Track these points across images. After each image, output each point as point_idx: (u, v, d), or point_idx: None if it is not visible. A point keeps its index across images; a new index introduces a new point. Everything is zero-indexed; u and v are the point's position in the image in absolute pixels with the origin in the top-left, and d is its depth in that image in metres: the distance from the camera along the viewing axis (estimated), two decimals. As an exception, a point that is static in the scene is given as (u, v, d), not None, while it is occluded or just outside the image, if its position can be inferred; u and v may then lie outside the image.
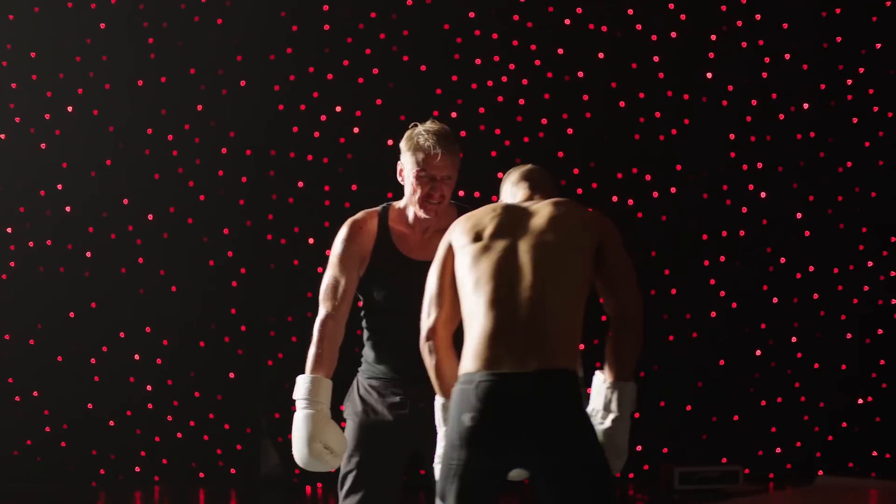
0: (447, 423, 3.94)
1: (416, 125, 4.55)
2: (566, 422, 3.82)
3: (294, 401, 4.45)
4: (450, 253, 4.03)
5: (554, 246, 3.93)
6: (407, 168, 4.50)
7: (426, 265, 4.12)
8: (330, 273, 4.57)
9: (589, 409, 3.95)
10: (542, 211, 4.01)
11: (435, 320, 4.02)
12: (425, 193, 4.47)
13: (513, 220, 4.00)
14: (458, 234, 4.02)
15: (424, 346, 4.04)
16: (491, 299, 3.87)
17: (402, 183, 4.55)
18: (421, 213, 4.49)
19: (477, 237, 3.98)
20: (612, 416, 3.93)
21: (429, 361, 4.03)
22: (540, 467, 3.83)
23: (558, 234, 3.94)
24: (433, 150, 4.45)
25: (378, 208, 4.62)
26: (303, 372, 4.49)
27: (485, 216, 4.03)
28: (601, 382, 3.95)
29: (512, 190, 4.24)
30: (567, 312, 3.89)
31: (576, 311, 3.90)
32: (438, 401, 4.03)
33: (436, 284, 4.04)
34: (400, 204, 4.58)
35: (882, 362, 9.32)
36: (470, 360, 3.85)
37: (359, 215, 4.61)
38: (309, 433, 4.38)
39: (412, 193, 4.50)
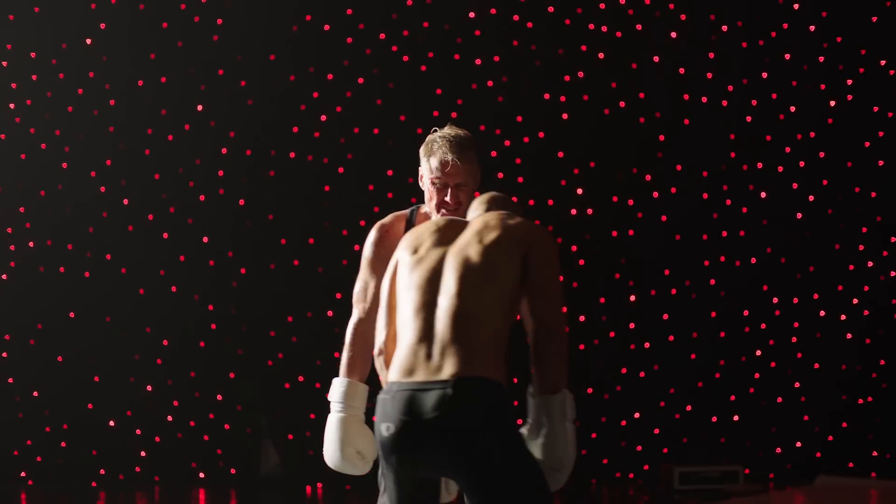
0: None
1: (435, 130, 4.57)
2: (479, 431, 3.78)
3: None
4: (395, 267, 4.07)
5: (479, 256, 3.95)
6: (424, 174, 4.52)
7: None
8: (360, 276, 4.60)
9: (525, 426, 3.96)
10: (475, 223, 4.06)
11: (385, 336, 4.04)
12: (440, 200, 4.48)
13: (448, 232, 4.04)
14: (401, 249, 4.06)
15: (377, 362, 4.06)
16: (414, 309, 3.90)
17: (422, 188, 4.57)
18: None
19: (415, 251, 4.00)
20: (544, 430, 3.90)
21: (382, 376, 4.04)
22: (459, 477, 3.80)
23: (485, 244, 3.97)
24: (446, 157, 4.47)
25: (406, 211, 4.65)
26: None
27: (426, 230, 4.07)
28: (529, 397, 3.96)
29: (471, 213, 4.28)
30: (489, 322, 3.88)
31: (499, 320, 3.90)
32: None
33: (385, 301, 4.06)
34: (425, 208, 4.61)
35: (882, 362, 9.32)
36: (392, 369, 3.88)
37: (387, 219, 4.64)
38: (341, 437, 4.41)
39: (429, 199, 4.52)
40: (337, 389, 4.46)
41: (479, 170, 4.56)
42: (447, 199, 4.47)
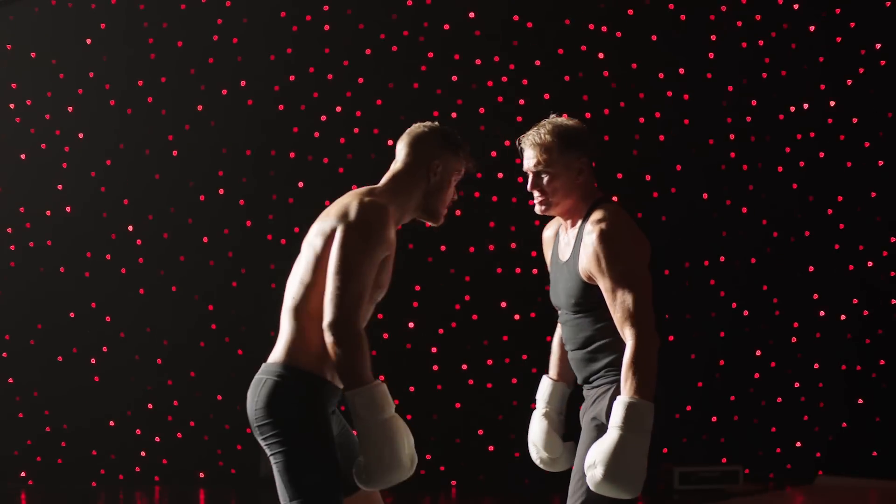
0: None
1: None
2: (260, 417, 4.00)
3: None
4: None
5: (310, 239, 4.12)
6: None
7: (566, 264, 4.32)
8: None
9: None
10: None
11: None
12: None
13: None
14: None
15: None
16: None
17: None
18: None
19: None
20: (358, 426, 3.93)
21: None
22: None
23: (321, 227, 4.12)
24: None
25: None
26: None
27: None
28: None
29: None
30: (304, 308, 4.05)
31: (315, 307, 4.02)
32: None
33: None
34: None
35: (882, 362, 9.32)
36: None
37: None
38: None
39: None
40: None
41: None
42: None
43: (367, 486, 3.94)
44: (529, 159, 4.42)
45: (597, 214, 4.24)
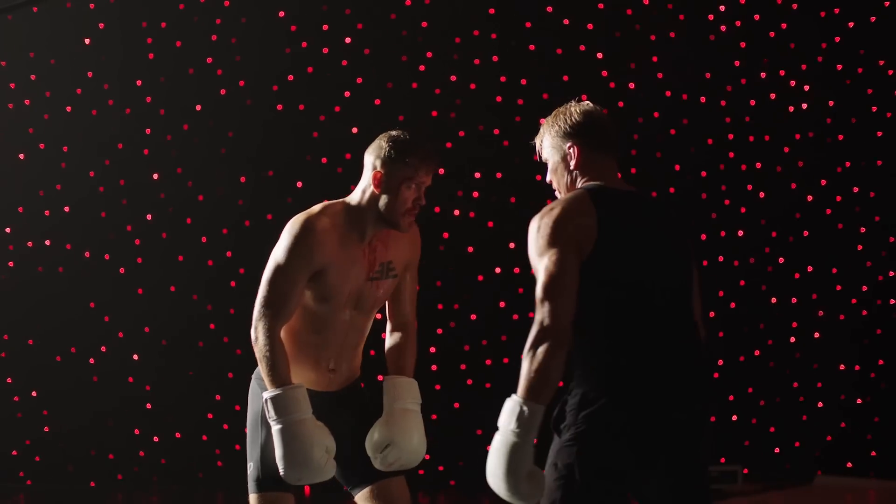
0: None
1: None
2: None
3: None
4: None
5: None
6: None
7: None
8: None
9: None
10: None
11: None
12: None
13: None
14: None
15: None
16: None
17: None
18: None
19: None
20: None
21: None
22: None
23: None
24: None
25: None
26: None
27: None
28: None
29: None
30: None
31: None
32: None
33: None
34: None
35: (881, 362, 9.32)
36: None
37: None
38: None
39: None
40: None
41: None
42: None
43: (285, 480, 4.36)
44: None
45: None
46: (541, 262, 3.71)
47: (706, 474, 3.78)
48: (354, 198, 4.52)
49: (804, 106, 9.35)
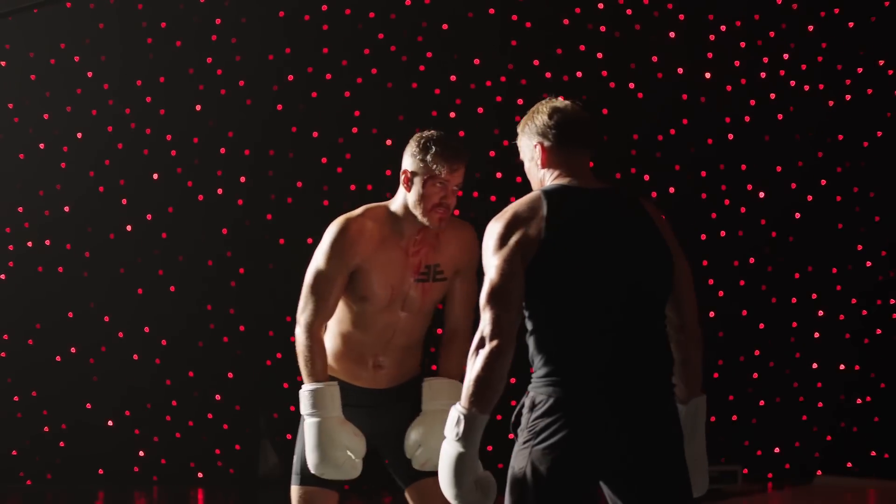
0: None
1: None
2: None
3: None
4: None
5: None
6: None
7: None
8: None
9: None
10: None
11: None
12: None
13: None
14: None
15: None
16: None
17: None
18: None
19: None
20: None
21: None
22: None
23: None
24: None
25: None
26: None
27: None
28: None
29: None
30: None
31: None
32: None
33: None
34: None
35: (881, 362, 9.32)
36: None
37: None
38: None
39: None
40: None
41: None
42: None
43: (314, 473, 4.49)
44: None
45: None
46: (487, 269, 3.65)
47: (673, 484, 3.69)
48: (395, 199, 4.59)
49: (804, 106, 9.34)
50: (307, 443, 4.47)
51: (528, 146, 3.93)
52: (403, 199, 4.54)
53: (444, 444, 3.63)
